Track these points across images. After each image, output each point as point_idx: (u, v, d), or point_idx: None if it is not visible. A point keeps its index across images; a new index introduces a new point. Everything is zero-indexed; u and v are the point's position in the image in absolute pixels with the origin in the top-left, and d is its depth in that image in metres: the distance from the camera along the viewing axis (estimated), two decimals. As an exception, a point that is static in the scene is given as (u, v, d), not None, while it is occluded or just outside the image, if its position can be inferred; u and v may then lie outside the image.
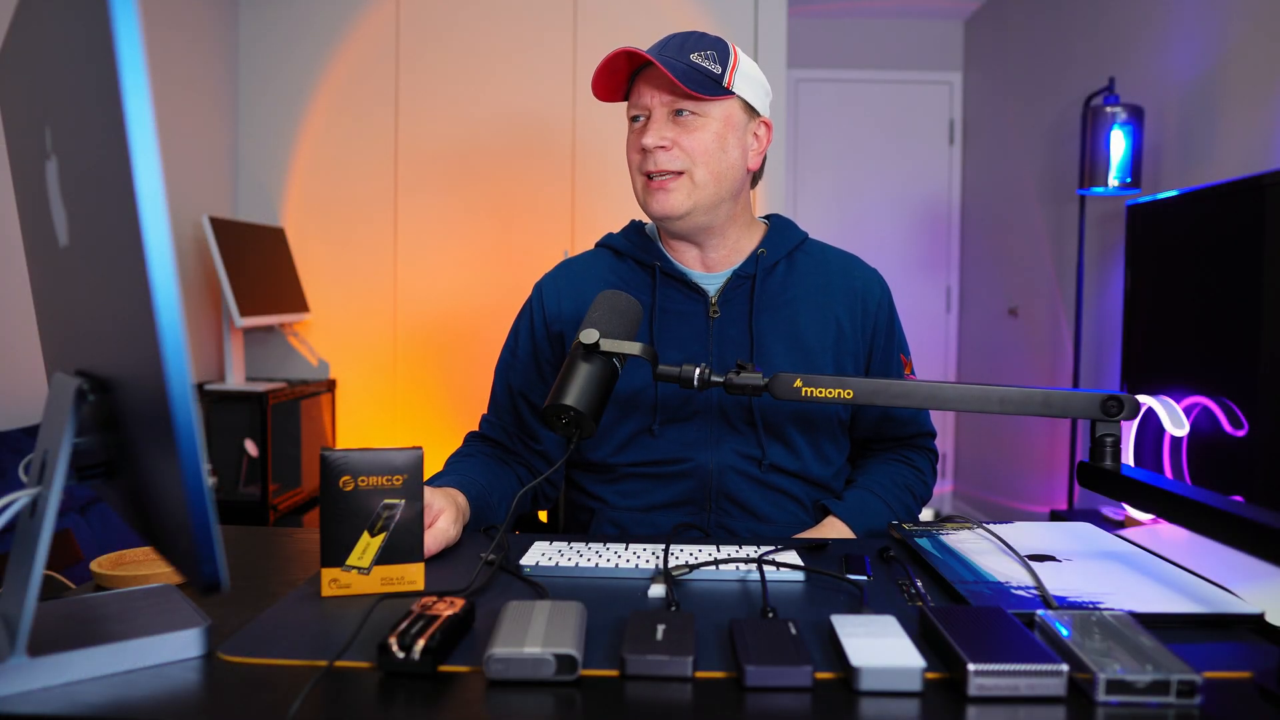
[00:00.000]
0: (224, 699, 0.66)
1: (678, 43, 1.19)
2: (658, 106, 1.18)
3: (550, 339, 1.29)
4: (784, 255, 1.28)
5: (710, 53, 1.18)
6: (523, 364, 1.31)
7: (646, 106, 1.19)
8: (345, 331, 3.25)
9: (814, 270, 1.28)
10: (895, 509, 1.24)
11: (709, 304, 1.24)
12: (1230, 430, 2.10)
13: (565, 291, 1.30)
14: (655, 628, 0.73)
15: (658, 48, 1.19)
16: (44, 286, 0.85)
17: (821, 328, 1.25)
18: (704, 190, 1.19)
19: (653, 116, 1.19)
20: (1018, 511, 3.76)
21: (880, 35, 4.46)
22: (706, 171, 1.19)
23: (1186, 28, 2.66)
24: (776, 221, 1.32)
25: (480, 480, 1.19)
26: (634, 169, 1.22)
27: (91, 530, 1.88)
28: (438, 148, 3.20)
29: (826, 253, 1.32)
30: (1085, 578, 0.91)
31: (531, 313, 1.32)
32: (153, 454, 0.61)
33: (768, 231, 1.31)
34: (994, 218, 4.09)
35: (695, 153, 1.18)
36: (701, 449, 1.21)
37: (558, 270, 1.35)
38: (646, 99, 1.19)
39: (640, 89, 1.20)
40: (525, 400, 1.30)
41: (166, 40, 2.81)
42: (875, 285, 1.30)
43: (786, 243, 1.29)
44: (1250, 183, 2.04)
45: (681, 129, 1.18)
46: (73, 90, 0.63)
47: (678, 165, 1.18)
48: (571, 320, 1.28)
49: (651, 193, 1.20)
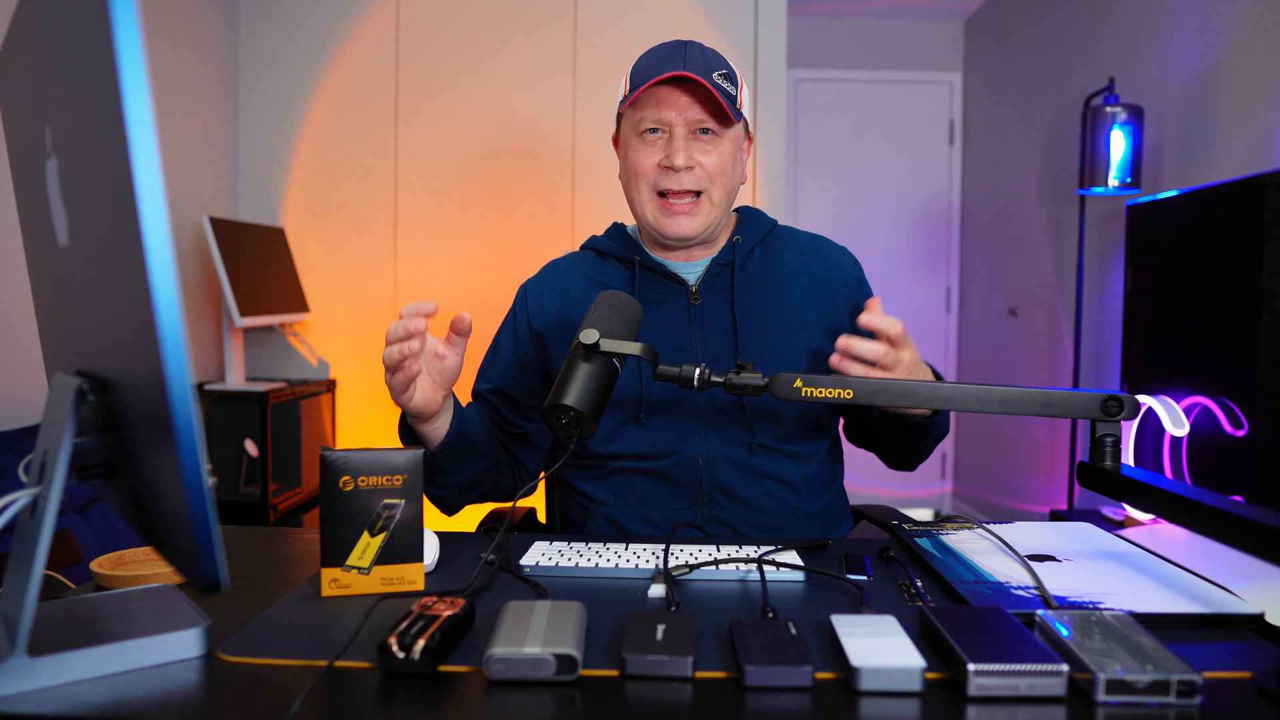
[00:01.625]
0: (224, 699, 0.66)
1: (699, 60, 1.19)
2: (681, 123, 1.19)
3: (533, 338, 1.31)
4: (758, 241, 1.31)
5: (726, 72, 1.20)
6: (503, 362, 1.32)
7: (668, 122, 1.19)
8: (345, 331, 3.25)
9: (788, 253, 1.31)
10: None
11: (690, 292, 1.26)
12: (1230, 430, 2.10)
13: (547, 291, 1.33)
14: (655, 628, 0.73)
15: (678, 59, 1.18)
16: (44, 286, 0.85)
17: (803, 307, 1.27)
18: (718, 209, 1.23)
19: (674, 133, 1.19)
20: (1018, 511, 3.76)
21: (880, 35, 4.46)
22: (721, 191, 1.22)
23: (1186, 28, 2.66)
24: (746, 211, 1.36)
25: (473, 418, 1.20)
26: (644, 181, 1.22)
27: (91, 530, 1.88)
28: (438, 148, 3.20)
29: (797, 236, 1.35)
30: (1085, 578, 0.91)
31: (515, 316, 1.35)
32: (153, 454, 0.61)
33: (739, 220, 1.34)
34: (994, 218, 4.09)
35: (715, 173, 1.20)
36: (690, 439, 1.22)
37: (542, 272, 1.38)
38: (669, 114, 1.19)
39: (662, 101, 1.19)
40: (500, 395, 1.31)
41: (166, 40, 2.81)
42: (848, 262, 1.34)
43: (759, 229, 1.32)
44: (1250, 183, 2.04)
45: (701, 149, 1.20)
46: (73, 90, 0.63)
47: (699, 185, 1.20)
48: (553, 319, 1.30)
49: (671, 215, 1.21)
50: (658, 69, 1.18)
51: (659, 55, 1.21)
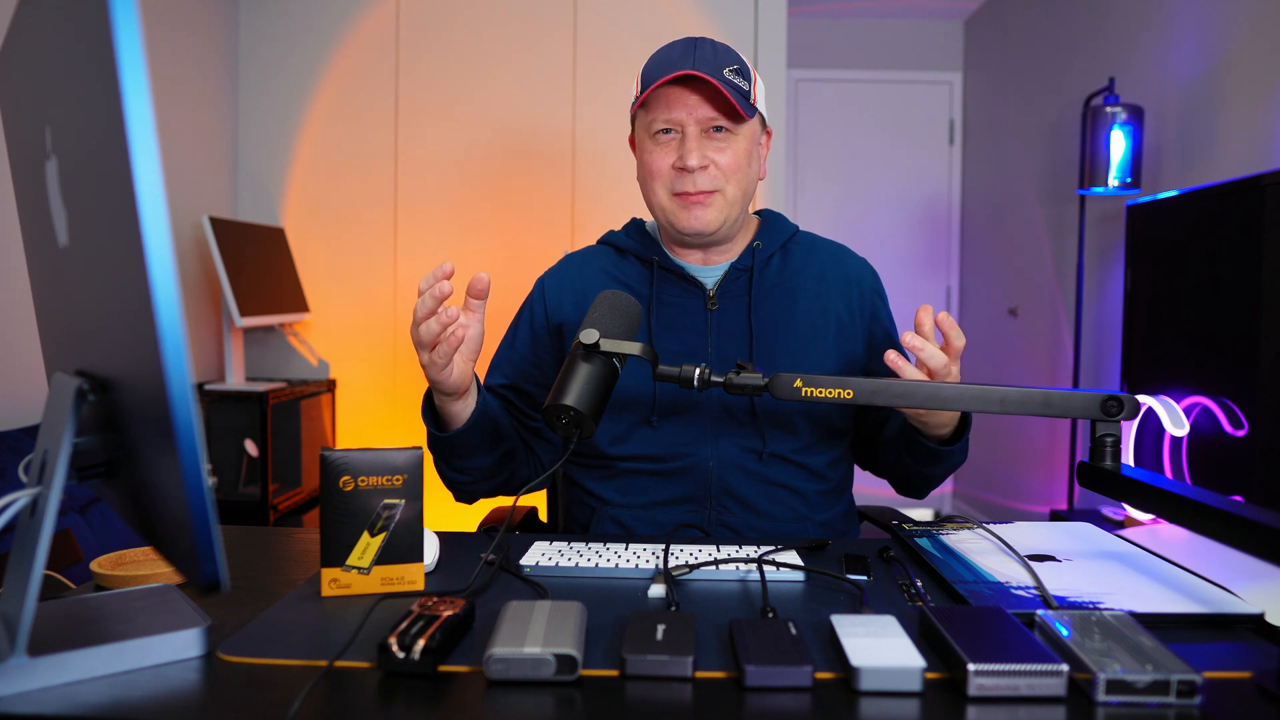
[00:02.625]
0: (224, 699, 0.66)
1: (709, 57, 1.18)
2: (692, 123, 1.18)
3: (550, 331, 1.30)
4: (778, 247, 1.29)
5: (737, 67, 1.19)
6: (519, 356, 1.31)
7: (680, 122, 1.18)
8: (345, 331, 3.25)
9: (808, 261, 1.30)
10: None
11: (707, 296, 1.25)
12: (1230, 430, 2.10)
13: (566, 286, 1.31)
14: (655, 628, 0.73)
15: (688, 58, 1.17)
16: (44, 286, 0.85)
17: (820, 316, 1.26)
18: (734, 206, 1.22)
19: (688, 133, 1.18)
20: (1018, 511, 3.76)
21: (880, 35, 4.46)
22: (736, 188, 1.21)
23: (1186, 28, 2.66)
24: (768, 215, 1.34)
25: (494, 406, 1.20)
26: (660, 183, 1.22)
27: (91, 530, 1.88)
28: (438, 147, 3.20)
29: (818, 243, 1.34)
30: (1085, 578, 0.91)
31: (533, 306, 1.33)
32: (153, 454, 0.61)
33: (761, 225, 1.32)
34: (994, 218, 4.09)
35: (729, 171, 1.20)
36: (701, 444, 1.21)
37: (559, 265, 1.37)
38: (680, 114, 1.18)
39: (672, 101, 1.18)
40: (517, 391, 1.30)
41: (166, 40, 2.81)
42: (867, 273, 1.33)
43: (780, 235, 1.31)
44: (1250, 183, 2.04)
45: (715, 148, 1.19)
46: (73, 90, 0.63)
47: (714, 184, 1.20)
48: (572, 314, 1.29)
49: (687, 209, 1.20)
50: (666, 69, 1.17)
51: (669, 55, 1.20)
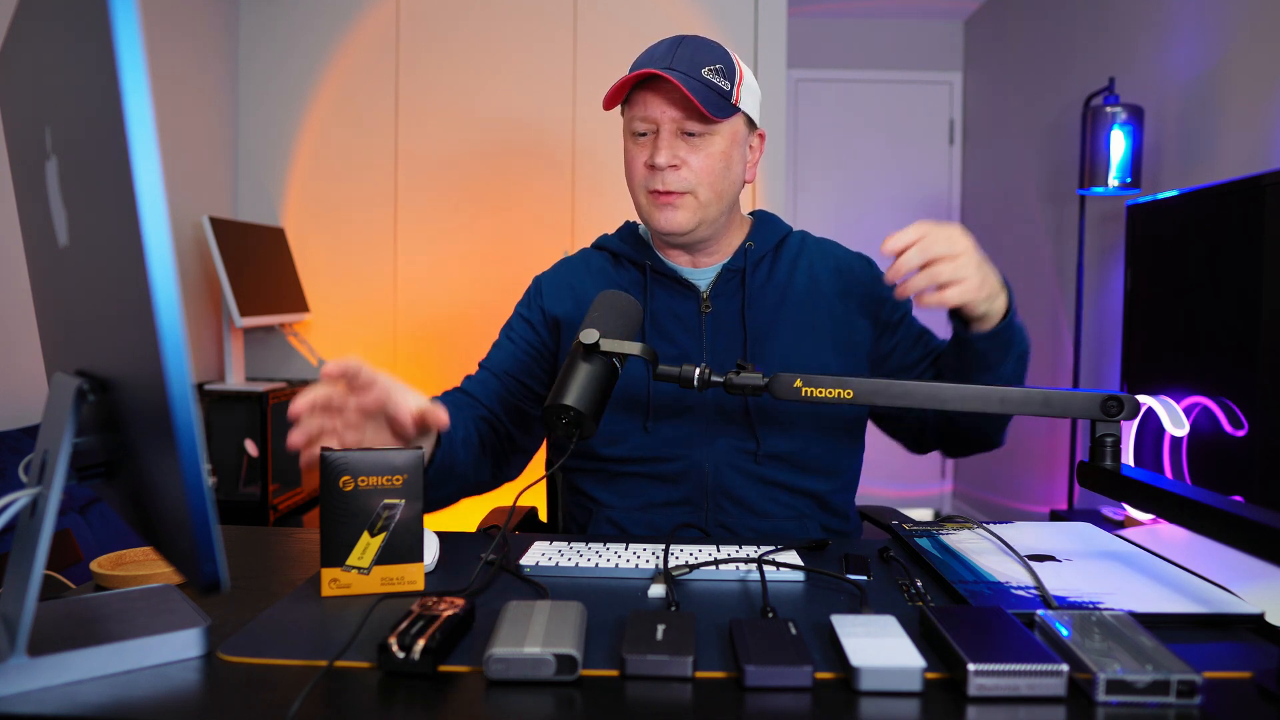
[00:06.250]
0: (224, 699, 0.66)
1: (688, 55, 1.17)
2: (666, 123, 1.17)
3: (549, 325, 1.30)
4: (771, 248, 1.29)
5: (719, 67, 1.17)
6: (516, 348, 1.30)
7: (654, 121, 1.18)
8: (345, 331, 3.25)
9: (801, 260, 1.30)
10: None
11: (700, 299, 1.25)
12: (1230, 430, 2.10)
13: (562, 285, 1.32)
14: (655, 628, 0.73)
15: (668, 56, 1.17)
16: (44, 286, 0.85)
17: (814, 315, 1.26)
18: (708, 208, 1.21)
19: (661, 133, 1.18)
20: (1018, 511, 3.76)
21: (880, 35, 4.46)
22: (711, 191, 1.20)
23: (1186, 28, 2.66)
24: (762, 216, 1.34)
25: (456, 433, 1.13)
26: (637, 183, 1.22)
27: (91, 530, 1.88)
28: (438, 148, 3.20)
29: (809, 242, 1.33)
30: (1085, 578, 0.91)
31: (529, 304, 1.33)
32: (153, 454, 0.61)
33: (754, 226, 1.32)
34: (994, 218, 4.09)
35: (702, 173, 1.18)
36: (696, 446, 1.21)
37: (555, 267, 1.37)
38: (655, 113, 1.17)
39: (648, 102, 1.18)
40: (511, 378, 1.28)
41: (166, 40, 2.81)
42: (860, 264, 1.32)
43: (773, 235, 1.30)
44: (1250, 183, 2.04)
45: (689, 148, 1.18)
46: (73, 90, 0.63)
47: (685, 185, 1.19)
48: (569, 311, 1.29)
49: (659, 208, 1.20)
50: (640, 68, 1.17)
51: (653, 53, 1.19)
